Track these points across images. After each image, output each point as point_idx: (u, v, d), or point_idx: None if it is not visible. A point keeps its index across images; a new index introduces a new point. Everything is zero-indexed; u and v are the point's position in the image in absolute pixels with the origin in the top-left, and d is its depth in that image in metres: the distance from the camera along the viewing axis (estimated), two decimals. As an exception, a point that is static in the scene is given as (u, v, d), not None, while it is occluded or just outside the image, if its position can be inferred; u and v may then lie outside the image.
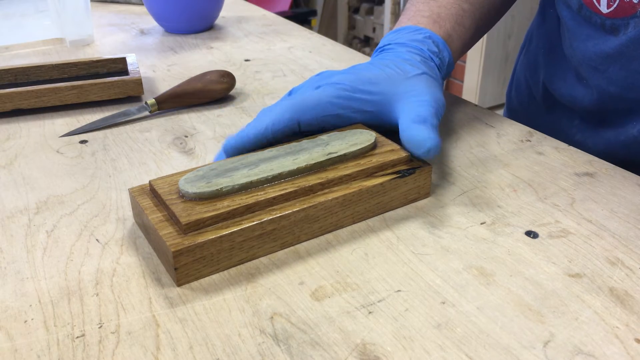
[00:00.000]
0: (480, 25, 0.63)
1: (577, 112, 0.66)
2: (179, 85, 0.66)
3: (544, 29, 0.71)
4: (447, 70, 0.59)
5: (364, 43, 3.07)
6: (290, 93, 0.54)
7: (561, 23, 0.66)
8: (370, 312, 0.37)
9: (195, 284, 0.40)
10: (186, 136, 0.60)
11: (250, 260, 0.42)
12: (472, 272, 0.41)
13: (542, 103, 0.72)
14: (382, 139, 0.50)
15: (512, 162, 0.54)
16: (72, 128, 0.62)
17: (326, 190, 0.44)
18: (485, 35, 2.30)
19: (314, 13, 2.91)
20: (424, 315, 0.37)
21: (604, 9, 0.57)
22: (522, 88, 0.77)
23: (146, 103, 0.64)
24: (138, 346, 0.35)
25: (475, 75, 2.43)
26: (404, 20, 0.61)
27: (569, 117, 0.67)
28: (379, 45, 0.60)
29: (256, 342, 0.35)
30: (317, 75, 0.55)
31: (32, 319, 0.37)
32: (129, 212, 0.47)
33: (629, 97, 0.59)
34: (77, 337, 0.35)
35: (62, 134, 0.60)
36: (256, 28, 0.98)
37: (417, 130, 0.46)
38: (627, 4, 0.55)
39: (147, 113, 0.64)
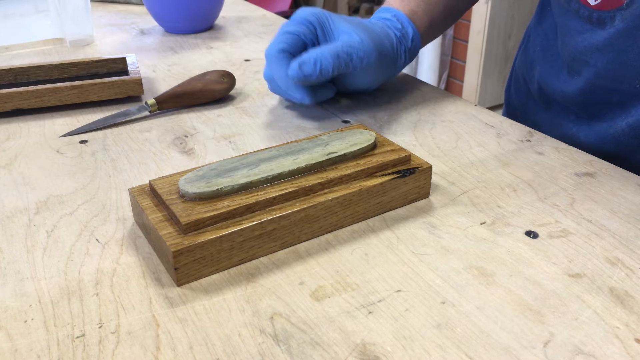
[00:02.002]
0: (449, 3, 0.70)
1: (572, 108, 0.66)
2: (179, 85, 0.66)
3: (542, 27, 0.71)
4: (412, 45, 0.66)
5: (364, 43, 3.06)
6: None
7: (555, 17, 0.66)
8: (370, 312, 0.37)
9: (195, 284, 0.40)
10: (186, 136, 0.60)
11: (250, 260, 0.42)
12: (472, 272, 0.41)
13: (538, 99, 0.73)
14: (382, 138, 0.50)
15: (512, 162, 0.54)
16: (72, 128, 0.62)
17: (326, 190, 0.44)
18: (485, 35, 2.31)
19: (314, 13, 2.90)
20: (424, 315, 0.37)
21: (591, 0, 0.58)
22: (520, 85, 0.77)
23: (146, 103, 0.64)
24: (138, 346, 0.35)
25: (475, 75, 2.43)
26: (384, 3, 0.69)
27: (565, 112, 0.68)
28: None
29: (256, 342, 0.35)
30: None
31: (32, 319, 0.37)
32: (129, 212, 0.47)
33: (618, 89, 0.59)
34: (77, 337, 0.35)
35: (62, 134, 0.60)
36: (256, 28, 0.98)
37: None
38: None
39: (147, 113, 0.64)
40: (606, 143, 0.62)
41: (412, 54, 0.67)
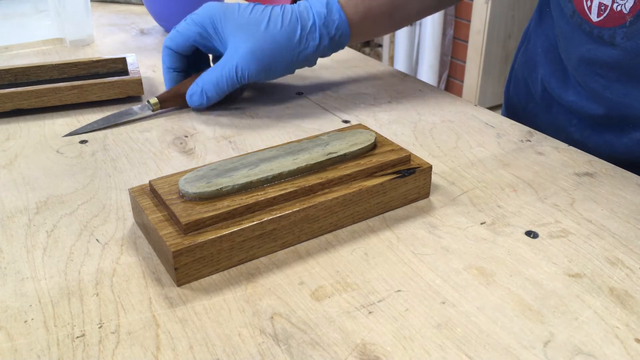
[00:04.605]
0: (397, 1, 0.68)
1: (575, 113, 0.66)
2: (181, 84, 0.66)
3: (542, 28, 0.71)
4: (336, 33, 0.65)
5: (364, 43, 3.07)
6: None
7: (555, 25, 0.66)
8: (370, 312, 0.37)
9: (195, 284, 0.40)
10: (186, 136, 0.60)
11: (250, 260, 0.42)
12: (472, 272, 0.41)
13: (540, 102, 0.72)
14: (382, 138, 0.50)
15: (512, 162, 0.54)
16: (72, 128, 0.62)
17: (326, 190, 0.44)
18: (485, 35, 2.31)
19: (314, 13, 2.90)
20: (424, 315, 0.37)
21: (594, 17, 0.57)
22: (520, 86, 0.77)
23: (148, 102, 0.64)
24: (138, 346, 0.35)
25: (475, 75, 2.43)
26: None
27: (567, 116, 0.67)
28: None
29: (256, 342, 0.35)
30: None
31: (32, 319, 0.37)
32: (129, 212, 0.47)
33: (631, 105, 0.59)
34: (77, 337, 0.35)
35: (64, 134, 0.60)
36: (256, 28, 0.98)
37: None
38: (616, 14, 0.55)
39: (149, 112, 0.64)
40: (619, 151, 0.62)
41: (337, 43, 0.66)
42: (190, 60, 0.68)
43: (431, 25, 2.44)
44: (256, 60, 0.62)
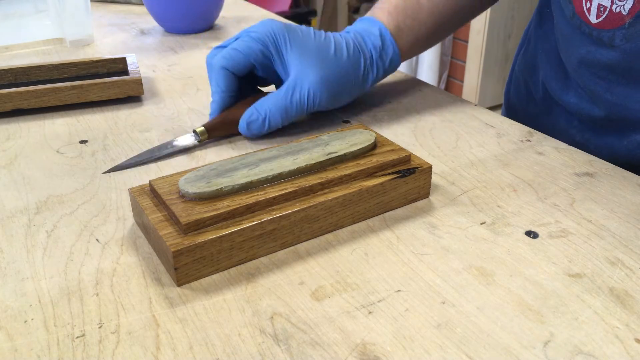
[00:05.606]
0: (441, 21, 0.67)
1: (576, 115, 0.66)
2: (229, 111, 0.59)
3: (542, 30, 0.71)
4: (390, 65, 0.64)
5: (364, 43, 3.06)
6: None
7: (555, 27, 0.66)
8: (370, 312, 0.37)
9: (195, 284, 0.40)
10: (186, 136, 0.60)
11: (250, 260, 0.42)
12: (472, 272, 0.41)
13: (541, 103, 0.72)
14: (382, 138, 0.50)
15: (512, 162, 0.54)
16: (72, 128, 0.62)
17: (326, 190, 0.44)
18: (485, 35, 2.31)
19: (314, 13, 2.90)
20: (424, 315, 0.37)
21: (593, 19, 0.57)
22: (520, 88, 0.77)
23: (194, 132, 0.58)
24: (138, 346, 0.35)
25: (475, 75, 2.43)
26: (370, 11, 0.66)
27: (568, 118, 0.67)
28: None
29: (256, 342, 0.35)
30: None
31: (32, 319, 0.37)
32: (129, 212, 0.47)
33: (631, 107, 0.59)
34: (77, 337, 0.35)
35: (105, 171, 0.53)
36: (256, 28, 0.98)
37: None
38: (615, 15, 0.55)
39: (195, 142, 0.57)
40: (620, 153, 0.61)
41: (388, 72, 0.65)
42: (242, 83, 0.60)
43: (431, 25, 2.44)
44: (327, 89, 0.58)
